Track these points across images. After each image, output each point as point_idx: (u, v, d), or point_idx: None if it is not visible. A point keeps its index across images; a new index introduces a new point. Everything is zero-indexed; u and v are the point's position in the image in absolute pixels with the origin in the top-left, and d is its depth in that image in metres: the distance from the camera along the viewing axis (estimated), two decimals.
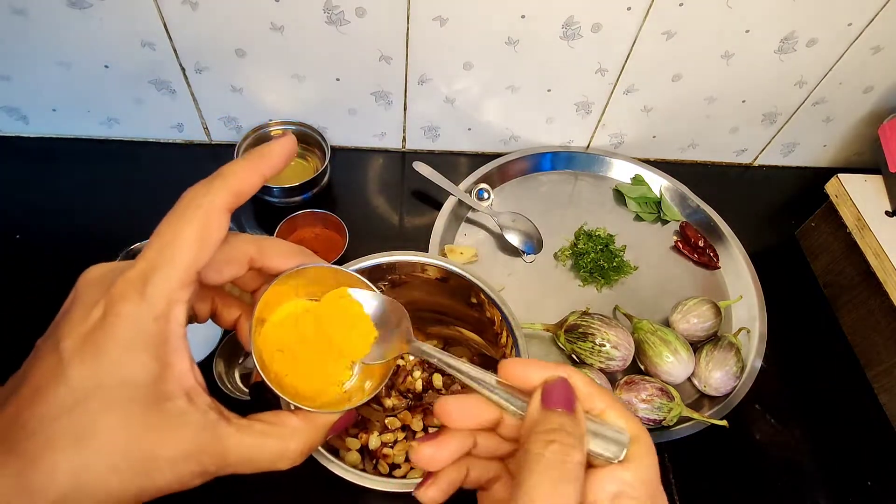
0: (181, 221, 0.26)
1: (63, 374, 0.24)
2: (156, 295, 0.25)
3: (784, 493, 0.63)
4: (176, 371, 0.26)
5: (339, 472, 0.42)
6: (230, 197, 0.27)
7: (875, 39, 0.74)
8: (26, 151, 0.80)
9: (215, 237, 0.27)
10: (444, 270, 0.52)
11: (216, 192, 0.27)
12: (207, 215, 0.26)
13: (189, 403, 0.26)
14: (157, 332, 0.25)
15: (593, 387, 0.28)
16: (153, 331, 0.25)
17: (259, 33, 0.69)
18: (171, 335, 0.25)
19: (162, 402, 0.25)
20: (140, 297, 0.25)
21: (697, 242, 0.80)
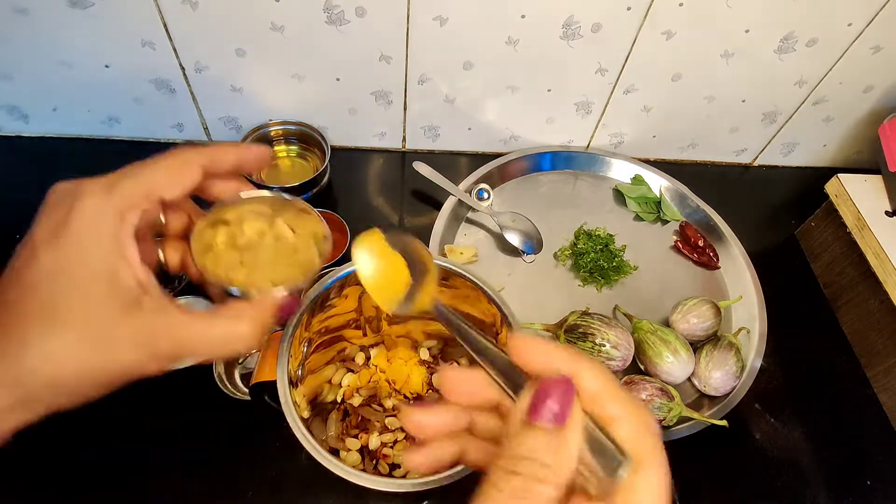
0: (162, 157, 0.31)
1: (34, 257, 0.28)
2: (119, 195, 0.29)
3: (784, 493, 0.63)
4: (129, 264, 0.29)
5: (339, 472, 0.42)
6: (207, 159, 0.32)
7: (875, 39, 0.74)
8: (26, 151, 0.80)
9: (186, 180, 0.31)
10: (444, 270, 0.52)
11: (200, 152, 0.32)
12: (185, 161, 0.31)
13: (144, 292, 0.29)
14: (114, 226, 0.28)
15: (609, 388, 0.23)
16: (111, 224, 0.28)
17: (259, 33, 0.69)
18: (124, 233, 0.29)
19: (120, 289, 0.28)
20: (105, 194, 0.29)
21: (697, 242, 0.80)
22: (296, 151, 0.83)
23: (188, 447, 0.58)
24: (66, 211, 0.28)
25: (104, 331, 0.27)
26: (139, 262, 0.29)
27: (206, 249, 0.34)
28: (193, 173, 0.31)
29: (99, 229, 0.28)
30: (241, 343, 0.31)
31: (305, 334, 0.50)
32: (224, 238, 0.35)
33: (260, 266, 0.35)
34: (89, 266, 0.28)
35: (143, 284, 0.29)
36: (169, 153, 0.31)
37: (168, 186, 0.30)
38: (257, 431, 0.59)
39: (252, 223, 0.36)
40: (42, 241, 0.28)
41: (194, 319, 0.29)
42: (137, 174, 0.30)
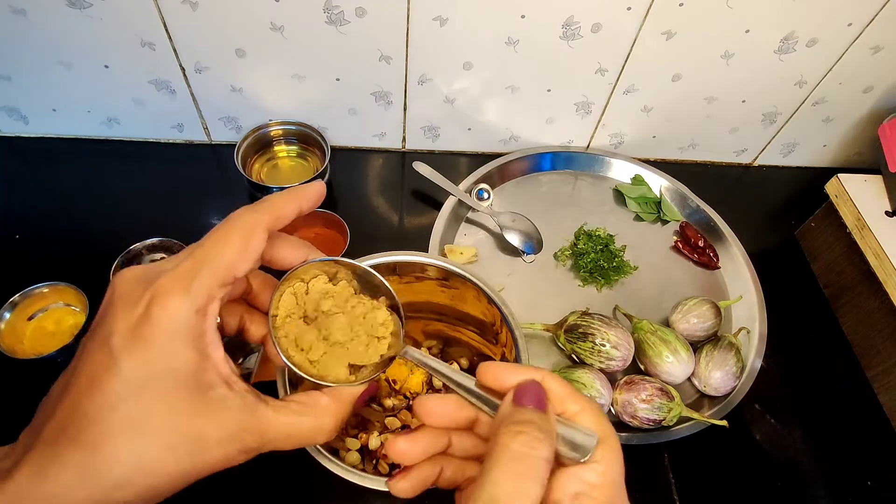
0: (229, 230, 0.29)
1: (115, 365, 0.26)
2: (200, 290, 0.27)
3: (784, 493, 0.63)
4: (213, 361, 0.28)
5: (339, 472, 0.42)
6: (271, 219, 0.30)
7: (875, 39, 0.74)
8: (26, 151, 0.80)
9: (255, 248, 0.30)
10: (444, 270, 0.52)
11: (261, 211, 0.30)
12: (252, 228, 0.29)
13: (229, 390, 0.28)
14: (197, 325, 0.27)
15: (567, 390, 0.29)
16: (194, 323, 0.27)
17: (259, 33, 0.69)
18: (208, 328, 0.28)
19: (205, 389, 0.27)
20: (185, 292, 0.27)
21: (697, 242, 0.80)
22: (296, 151, 0.83)
23: None
24: (144, 310, 0.26)
25: (194, 435, 0.27)
26: (223, 357, 0.29)
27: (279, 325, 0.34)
28: (261, 239, 0.30)
29: (184, 332, 0.27)
30: (324, 438, 0.31)
31: None
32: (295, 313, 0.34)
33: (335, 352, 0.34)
34: (176, 371, 0.26)
35: (228, 381, 0.28)
36: (232, 219, 0.30)
37: (241, 263, 0.29)
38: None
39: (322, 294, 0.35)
40: (122, 347, 0.26)
41: (280, 415, 0.29)
42: (211, 259, 0.28)
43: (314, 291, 0.35)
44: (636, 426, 0.62)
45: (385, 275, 0.52)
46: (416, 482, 0.32)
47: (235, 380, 0.29)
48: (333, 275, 0.36)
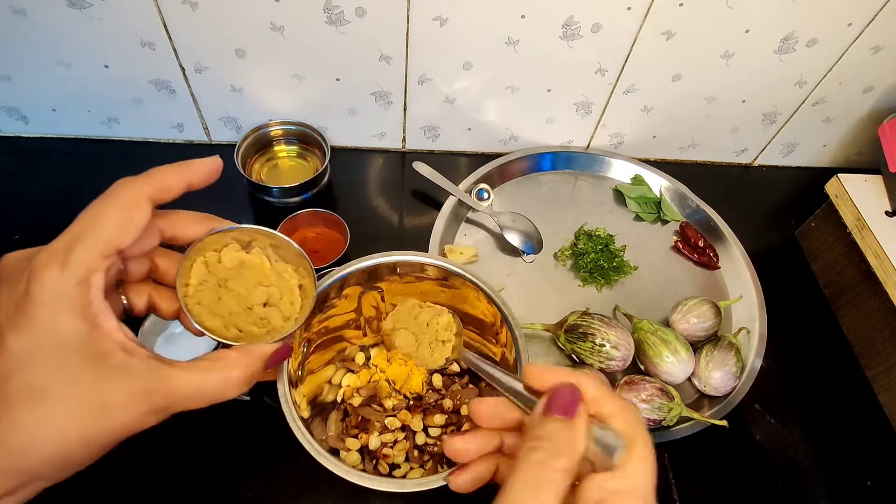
0: (106, 202, 0.29)
1: (3, 343, 0.27)
2: (77, 262, 0.27)
3: (784, 493, 0.63)
4: (106, 330, 0.28)
5: (339, 472, 0.42)
6: (153, 189, 0.30)
7: (875, 39, 0.74)
8: (26, 151, 0.80)
9: (136, 220, 0.29)
10: (444, 270, 0.52)
11: (142, 181, 0.30)
12: (130, 199, 0.29)
13: (128, 355, 0.28)
14: (80, 296, 0.27)
15: (603, 391, 0.30)
16: (76, 294, 0.27)
17: (259, 33, 0.69)
18: (93, 298, 0.28)
19: (102, 357, 0.28)
20: (62, 265, 0.27)
21: (697, 242, 0.80)
22: (296, 151, 0.83)
23: (187, 447, 0.58)
24: (24, 287, 0.27)
25: (96, 400, 0.27)
26: (116, 325, 0.29)
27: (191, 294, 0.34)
28: (143, 211, 0.30)
29: (65, 303, 0.27)
30: (234, 391, 0.32)
31: (305, 334, 0.50)
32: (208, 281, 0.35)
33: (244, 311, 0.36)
34: (65, 342, 0.27)
35: (126, 347, 0.29)
36: (110, 192, 0.30)
37: (123, 235, 0.29)
38: (257, 431, 0.59)
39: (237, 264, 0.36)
40: (6, 323, 0.27)
41: (186, 373, 0.30)
42: (89, 232, 0.28)
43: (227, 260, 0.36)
44: None
45: (385, 275, 0.53)
46: (474, 478, 0.33)
47: (134, 346, 0.29)
48: (247, 244, 0.37)
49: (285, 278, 0.38)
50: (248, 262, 0.37)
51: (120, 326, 0.29)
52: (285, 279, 0.38)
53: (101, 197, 0.29)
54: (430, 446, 0.53)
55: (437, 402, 0.56)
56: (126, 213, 0.29)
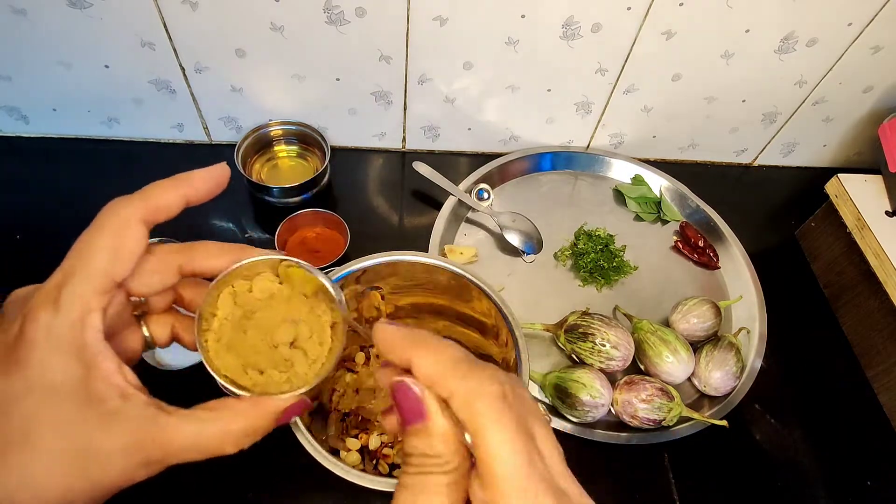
0: (96, 232, 0.27)
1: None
2: (69, 303, 0.26)
3: (784, 493, 0.63)
4: (102, 373, 0.26)
5: (339, 472, 0.42)
6: (146, 211, 0.28)
7: (875, 39, 0.74)
8: (26, 151, 0.80)
9: (130, 247, 0.27)
10: (443, 270, 0.52)
11: (133, 205, 0.27)
12: (121, 225, 0.27)
13: (124, 401, 0.26)
14: (74, 338, 0.26)
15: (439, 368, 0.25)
16: (70, 337, 0.26)
17: (259, 33, 0.69)
18: (89, 340, 0.26)
19: (95, 401, 0.26)
20: (54, 307, 0.25)
21: (697, 242, 0.80)
22: (296, 151, 0.83)
23: None
24: (18, 328, 0.26)
25: (84, 447, 0.25)
26: (116, 368, 0.27)
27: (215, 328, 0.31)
28: (136, 236, 0.27)
29: (59, 345, 0.25)
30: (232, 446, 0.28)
31: None
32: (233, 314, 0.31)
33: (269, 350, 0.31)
34: (57, 386, 0.25)
35: (123, 391, 0.27)
36: (99, 218, 0.27)
37: (117, 267, 0.27)
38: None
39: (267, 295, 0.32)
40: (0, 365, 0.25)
41: (184, 423, 0.27)
42: (80, 268, 0.26)
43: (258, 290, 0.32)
44: (636, 426, 0.62)
45: (386, 275, 0.53)
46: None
47: (132, 392, 0.27)
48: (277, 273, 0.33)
49: (317, 314, 0.33)
50: (279, 293, 0.33)
51: (120, 369, 0.27)
52: (317, 315, 0.33)
53: (91, 224, 0.27)
54: None
55: None
56: (117, 241, 0.27)
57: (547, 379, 0.64)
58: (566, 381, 0.62)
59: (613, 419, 0.63)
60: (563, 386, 0.62)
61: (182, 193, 0.29)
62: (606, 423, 0.63)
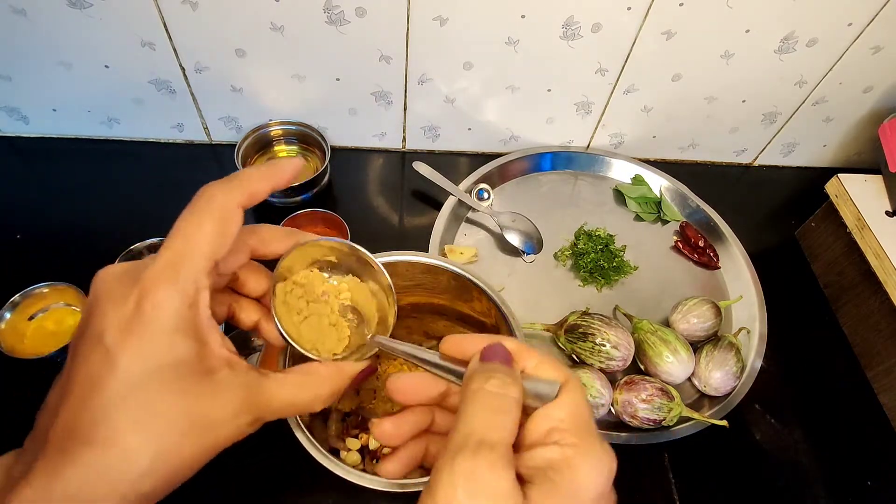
0: (202, 215, 0.28)
1: (114, 363, 0.26)
2: (187, 282, 0.27)
3: (784, 493, 0.63)
4: (213, 347, 0.28)
5: (339, 472, 0.42)
6: (244, 196, 0.30)
7: (875, 39, 0.74)
8: (26, 151, 0.80)
9: (232, 230, 0.29)
10: (444, 270, 0.52)
11: (233, 190, 0.29)
12: (225, 209, 0.29)
13: (231, 370, 0.29)
14: (192, 316, 0.27)
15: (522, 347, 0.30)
16: (188, 315, 0.27)
17: (259, 33, 0.69)
18: (202, 317, 0.28)
19: (209, 374, 0.28)
20: (173, 285, 0.27)
21: (697, 242, 0.80)
22: (296, 151, 0.83)
23: None
24: (134, 306, 0.26)
25: (205, 417, 0.27)
26: (221, 341, 0.29)
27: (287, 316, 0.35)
28: (238, 221, 0.29)
29: (179, 324, 0.27)
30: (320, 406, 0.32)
31: None
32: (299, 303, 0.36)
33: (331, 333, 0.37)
34: (179, 362, 0.27)
35: (229, 361, 0.29)
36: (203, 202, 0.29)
37: (220, 248, 0.29)
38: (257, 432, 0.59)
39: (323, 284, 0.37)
40: (117, 344, 0.26)
41: (281, 387, 0.31)
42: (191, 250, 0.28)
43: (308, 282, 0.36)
44: (636, 426, 0.62)
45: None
46: (405, 462, 0.33)
47: (236, 360, 0.29)
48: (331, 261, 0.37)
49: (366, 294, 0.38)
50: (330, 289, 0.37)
51: (224, 341, 0.29)
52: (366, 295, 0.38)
53: (192, 207, 0.29)
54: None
55: None
56: (222, 225, 0.28)
57: None
58: None
59: (613, 419, 0.63)
60: None
61: (272, 182, 0.31)
62: (606, 423, 0.63)
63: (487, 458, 0.25)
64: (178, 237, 0.28)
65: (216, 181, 0.30)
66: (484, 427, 0.26)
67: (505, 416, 0.26)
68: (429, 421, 0.33)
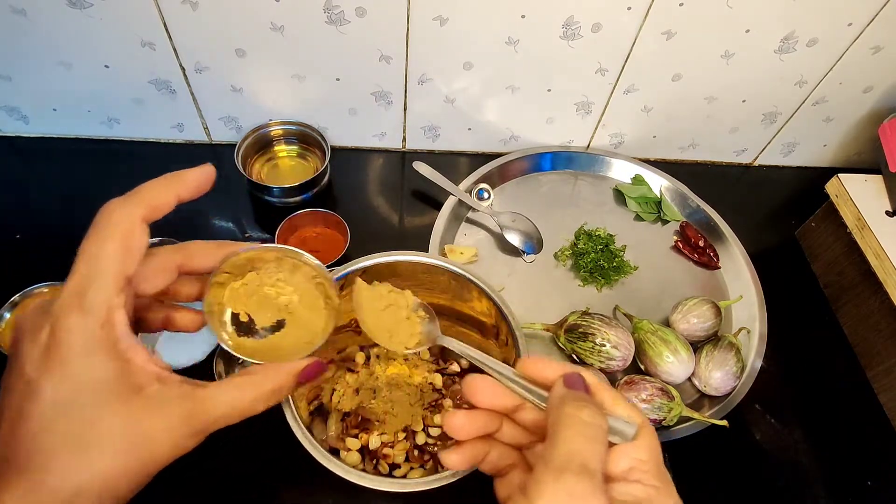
0: (103, 234, 0.29)
1: (37, 392, 0.26)
2: (95, 305, 0.28)
3: (784, 493, 0.63)
4: (137, 364, 0.29)
5: (339, 472, 0.42)
6: (146, 210, 0.30)
7: (875, 39, 0.74)
8: (26, 151, 0.80)
9: (137, 245, 0.29)
10: (444, 270, 0.52)
11: (132, 205, 0.30)
12: (127, 227, 0.29)
13: (161, 384, 0.29)
14: (107, 336, 0.28)
15: (601, 383, 0.32)
16: (102, 336, 0.28)
17: (259, 33, 0.69)
18: (120, 335, 0.28)
19: (137, 391, 0.28)
20: (81, 311, 0.27)
21: (697, 242, 0.80)
22: (296, 151, 0.83)
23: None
24: (48, 336, 0.27)
25: (136, 432, 0.27)
26: (147, 357, 0.29)
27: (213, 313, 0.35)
28: (141, 235, 0.29)
29: (95, 346, 0.27)
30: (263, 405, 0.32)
31: None
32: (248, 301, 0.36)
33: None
34: (100, 383, 0.27)
35: (160, 377, 0.29)
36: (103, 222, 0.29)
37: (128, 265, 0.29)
38: (257, 431, 0.59)
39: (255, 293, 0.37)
40: (37, 373, 0.27)
41: (220, 392, 0.30)
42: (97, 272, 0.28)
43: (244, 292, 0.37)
44: None
45: (386, 275, 0.53)
46: (468, 456, 0.33)
47: (167, 375, 0.30)
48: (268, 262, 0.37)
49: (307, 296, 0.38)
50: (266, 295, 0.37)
51: (150, 357, 0.29)
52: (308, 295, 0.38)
53: (94, 228, 0.29)
54: (430, 446, 0.53)
55: (438, 402, 0.56)
56: (125, 242, 0.29)
57: None
58: None
59: None
60: None
61: (175, 192, 0.31)
62: None
63: (590, 483, 0.26)
64: (83, 261, 0.28)
65: (117, 198, 0.30)
66: (584, 453, 0.27)
67: (600, 447, 0.28)
68: (497, 427, 0.34)
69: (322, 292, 0.38)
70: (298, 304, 0.38)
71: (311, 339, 0.37)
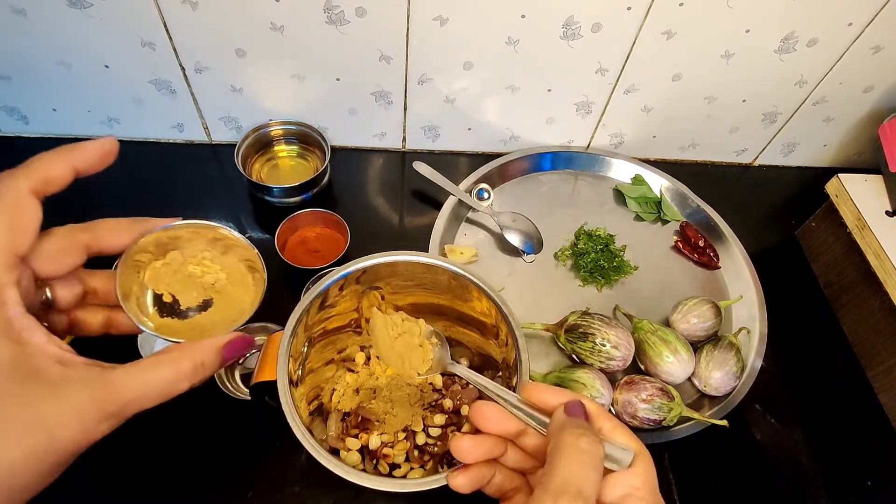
0: None
1: None
2: None
3: (784, 493, 0.63)
4: (36, 345, 0.27)
5: (339, 472, 0.42)
6: (36, 183, 0.28)
7: (875, 39, 0.74)
8: (26, 151, 0.79)
9: (28, 219, 0.28)
10: (444, 270, 0.52)
11: (21, 177, 0.28)
12: (13, 200, 0.27)
13: (64, 367, 0.27)
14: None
15: (600, 410, 0.33)
16: None
17: (259, 33, 0.69)
18: (11, 315, 0.26)
19: (35, 374, 0.26)
20: None
21: (697, 242, 0.80)
22: (296, 151, 0.83)
23: (188, 447, 0.58)
24: None
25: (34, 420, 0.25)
26: (46, 338, 0.27)
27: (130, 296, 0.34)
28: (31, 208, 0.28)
29: None
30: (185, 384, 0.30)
31: (305, 334, 0.50)
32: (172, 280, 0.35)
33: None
34: None
35: (60, 358, 0.27)
36: None
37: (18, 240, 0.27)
38: (257, 431, 0.59)
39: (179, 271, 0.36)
40: None
41: (132, 373, 0.28)
42: None
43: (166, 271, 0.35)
44: (636, 426, 0.62)
45: (386, 275, 0.53)
46: (474, 479, 0.34)
47: (70, 357, 0.28)
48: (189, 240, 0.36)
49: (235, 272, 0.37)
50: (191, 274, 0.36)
51: (50, 339, 0.27)
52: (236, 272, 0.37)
53: None
54: (430, 446, 0.53)
55: (438, 402, 0.56)
56: (14, 216, 0.27)
57: (547, 379, 0.64)
58: (566, 382, 0.62)
59: None
60: (563, 386, 0.62)
61: (70, 165, 0.30)
62: None
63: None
64: None
65: (5, 171, 0.28)
66: (581, 479, 0.28)
67: (596, 474, 0.28)
68: (502, 451, 0.35)
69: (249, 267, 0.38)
70: (226, 281, 0.37)
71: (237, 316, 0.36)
